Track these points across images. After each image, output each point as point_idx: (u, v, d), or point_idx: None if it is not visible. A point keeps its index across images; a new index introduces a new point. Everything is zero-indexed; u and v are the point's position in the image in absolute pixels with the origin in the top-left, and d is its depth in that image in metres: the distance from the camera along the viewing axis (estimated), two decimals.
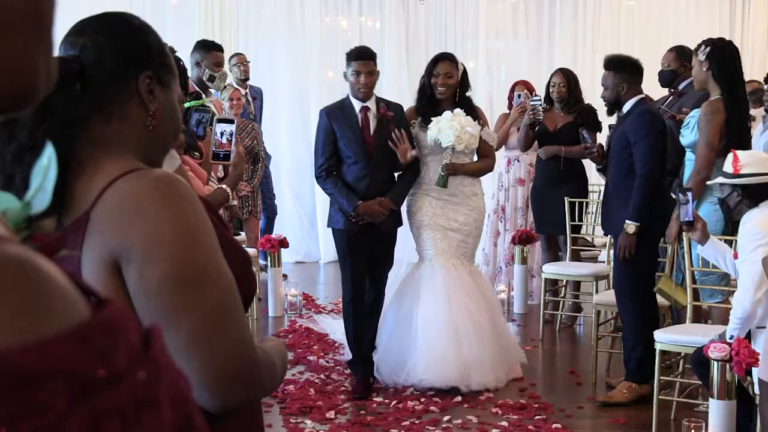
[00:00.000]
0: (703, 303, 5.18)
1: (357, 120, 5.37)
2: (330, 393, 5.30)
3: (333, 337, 6.48)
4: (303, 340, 6.40)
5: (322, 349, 6.20)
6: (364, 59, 5.32)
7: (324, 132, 5.42)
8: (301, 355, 6.02)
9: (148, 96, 1.55)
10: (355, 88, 5.34)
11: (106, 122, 1.53)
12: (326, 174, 5.41)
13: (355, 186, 5.38)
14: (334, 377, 5.59)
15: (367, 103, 5.39)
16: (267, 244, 7.15)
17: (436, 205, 5.61)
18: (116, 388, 0.61)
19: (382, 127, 5.38)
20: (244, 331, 1.47)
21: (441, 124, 5.42)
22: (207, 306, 1.41)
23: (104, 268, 1.41)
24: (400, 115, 5.48)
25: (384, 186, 5.43)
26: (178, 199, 1.43)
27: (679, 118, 5.34)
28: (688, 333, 4.73)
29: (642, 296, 5.20)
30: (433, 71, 5.56)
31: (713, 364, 3.94)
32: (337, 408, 5.03)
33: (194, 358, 1.40)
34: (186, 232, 1.41)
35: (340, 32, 10.08)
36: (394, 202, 5.43)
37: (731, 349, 3.86)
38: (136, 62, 1.55)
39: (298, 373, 5.66)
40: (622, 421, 4.90)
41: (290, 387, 5.31)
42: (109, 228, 1.41)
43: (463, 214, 5.63)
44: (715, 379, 3.94)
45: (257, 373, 1.48)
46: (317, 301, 7.86)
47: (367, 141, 5.38)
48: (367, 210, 5.32)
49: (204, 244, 1.43)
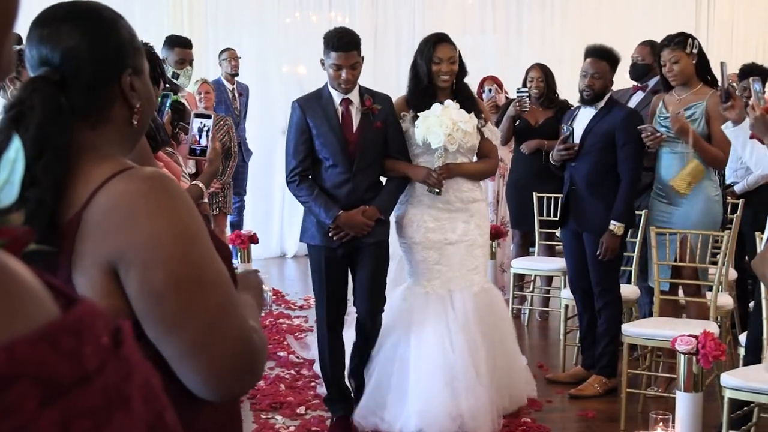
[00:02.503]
0: (680, 298, 5.22)
1: (336, 114, 4.56)
2: (300, 388, 5.30)
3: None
4: (273, 335, 6.39)
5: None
6: (346, 50, 4.47)
7: (297, 128, 4.60)
8: (272, 350, 6.01)
9: (131, 93, 1.54)
10: (336, 84, 4.54)
11: (91, 129, 1.52)
12: (299, 179, 4.58)
13: (334, 193, 4.57)
14: (305, 373, 5.59)
15: (348, 95, 4.58)
16: (237, 240, 7.12)
17: (429, 218, 4.74)
18: (87, 389, 0.61)
19: (366, 123, 4.58)
20: (244, 324, 1.48)
21: (429, 120, 4.59)
22: (210, 305, 1.42)
23: (99, 272, 1.40)
24: (389, 109, 4.66)
25: (368, 193, 4.62)
26: (171, 198, 1.43)
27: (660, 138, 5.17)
28: (656, 327, 4.77)
29: (618, 291, 5.29)
30: (434, 56, 4.69)
31: (680, 356, 3.98)
32: (307, 404, 5.03)
33: (201, 357, 1.42)
34: (183, 232, 1.41)
35: (310, 27, 10.06)
36: (381, 210, 4.62)
37: (698, 342, 3.91)
38: (116, 64, 1.53)
39: (268, 369, 5.64)
40: (590, 414, 4.95)
41: (260, 383, 5.30)
42: (104, 232, 1.40)
43: (462, 222, 4.77)
44: (682, 371, 3.98)
45: (258, 363, 1.51)
46: (287, 296, 7.85)
47: (349, 139, 4.56)
48: (348, 221, 4.51)
49: (201, 243, 1.44)
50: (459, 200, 4.77)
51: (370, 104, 4.60)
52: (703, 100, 5.02)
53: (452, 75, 4.71)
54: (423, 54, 4.74)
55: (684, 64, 5.02)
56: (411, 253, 4.82)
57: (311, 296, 7.65)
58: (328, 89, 4.61)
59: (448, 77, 4.71)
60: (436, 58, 4.68)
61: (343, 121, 4.57)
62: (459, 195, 4.77)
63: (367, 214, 4.56)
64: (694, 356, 3.92)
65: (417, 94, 4.76)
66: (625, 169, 5.09)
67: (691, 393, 3.94)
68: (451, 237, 4.75)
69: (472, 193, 4.82)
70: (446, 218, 4.76)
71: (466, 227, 4.77)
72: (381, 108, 4.61)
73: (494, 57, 10.21)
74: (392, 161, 4.70)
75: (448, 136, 4.54)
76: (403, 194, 4.79)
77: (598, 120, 5.20)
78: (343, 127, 4.56)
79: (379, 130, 4.61)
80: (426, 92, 4.73)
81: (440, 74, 4.68)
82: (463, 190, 4.77)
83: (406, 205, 4.81)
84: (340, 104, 4.59)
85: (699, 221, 5.00)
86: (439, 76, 4.69)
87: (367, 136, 4.58)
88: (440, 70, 4.68)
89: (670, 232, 4.99)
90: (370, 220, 4.56)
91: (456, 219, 4.76)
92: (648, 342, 4.84)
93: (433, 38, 4.77)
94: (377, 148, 4.63)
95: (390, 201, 4.72)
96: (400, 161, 4.71)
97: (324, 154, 4.57)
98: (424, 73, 4.72)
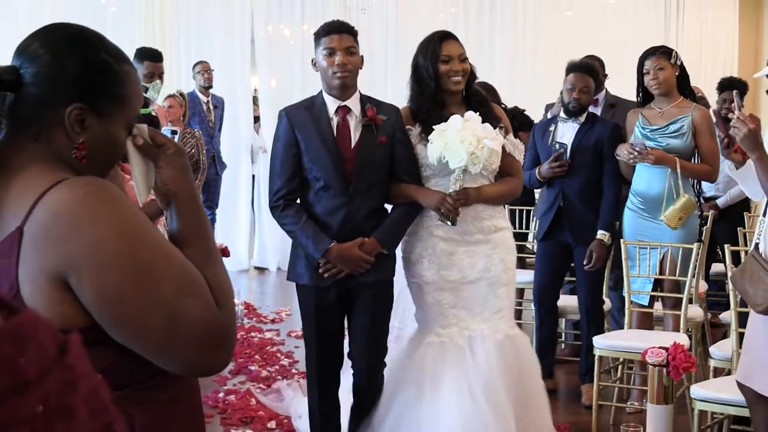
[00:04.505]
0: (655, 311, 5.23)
1: (330, 125, 3.81)
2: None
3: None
4: (244, 349, 6.35)
5: (264, 359, 6.16)
6: (338, 32, 3.78)
7: (283, 142, 3.85)
8: (243, 364, 5.97)
9: (75, 127, 1.53)
10: (330, 75, 3.75)
11: (34, 140, 1.53)
12: (284, 203, 3.82)
13: (326, 221, 3.81)
14: (276, 386, 5.55)
15: (346, 102, 3.82)
16: None
17: (442, 252, 3.97)
18: (24, 397, 0.60)
19: (368, 136, 3.82)
20: (207, 302, 1.51)
21: (448, 136, 3.77)
22: (168, 296, 1.44)
23: (48, 283, 1.41)
24: (396, 121, 3.89)
25: (368, 221, 3.84)
26: (109, 201, 1.44)
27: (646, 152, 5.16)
28: (627, 339, 4.79)
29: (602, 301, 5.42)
30: (441, 54, 3.94)
31: (650, 369, 3.99)
32: (278, 418, 4.99)
33: (171, 348, 1.46)
34: (126, 230, 1.43)
35: (283, 40, 10.05)
36: (383, 243, 3.84)
37: (668, 354, 3.92)
38: (64, 92, 1.53)
39: (239, 383, 5.61)
40: (563, 426, 4.94)
41: (231, 397, 5.26)
42: (48, 243, 1.41)
43: (483, 257, 3.99)
44: (652, 384, 3.99)
45: (227, 337, 1.54)
46: (259, 310, 7.81)
47: (345, 156, 3.80)
48: (342, 255, 3.76)
49: (146, 237, 1.45)
50: (479, 230, 4.00)
51: (373, 114, 3.81)
52: (688, 113, 5.06)
53: (465, 75, 3.99)
54: (427, 53, 3.97)
55: (669, 73, 5.06)
56: (421, 295, 4.02)
57: (283, 309, 7.66)
58: (321, 96, 3.87)
59: (461, 78, 3.97)
60: (443, 56, 3.94)
61: (338, 134, 3.82)
62: (479, 224, 4.00)
63: (366, 248, 3.79)
64: (665, 368, 3.93)
65: (424, 103, 3.98)
66: (612, 181, 5.19)
67: (661, 405, 3.95)
68: (469, 274, 3.97)
69: (494, 220, 4.04)
70: (464, 252, 3.98)
71: (487, 262, 3.99)
72: (386, 119, 3.84)
73: None
74: (399, 184, 3.92)
75: (471, 155, 3.73)
76: (413, 223, 4.01)
77: (583, 134, 5.25)
78: (338, 140, 3.81)
79: (384, 145, 3.83)
80: (434, 100, 3.97)
81: (451, 75, 3.94)
82: (483, 217, 4.00)
83: (415, 237, 4.03)
84: (335, 113, 3.82)
85: (679, 235, 5.03)
86: (449, 77, 3.94)
87: (368, 152, 3.81)
88: (451, 69, 3.94)
89: (651, 245, 5.01)
90: (369, 254, 3.80)
91: (475, 252, 3.99)
92: (619, 354, 4.85)
93: (437, 35, 4.03)
94: (380, 167, 3.84)
95: (395, 232, 3.92)
96: (408, 184, 3.92)
97: (314, 173, 3.81)
98: (430, 76, 3.94)
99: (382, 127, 3.84)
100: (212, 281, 1.55)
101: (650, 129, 5.09)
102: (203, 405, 5.22)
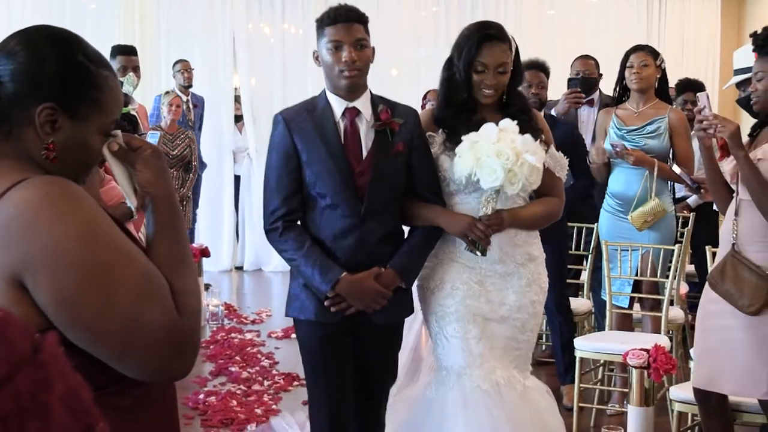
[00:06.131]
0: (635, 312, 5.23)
1: (338, 131, 3.18)
2: (251, 404, 5.23)
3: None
4: (224, 350, 6.32)
5: (244, 360, 6.13)
6: (345, 21, 3.11)
7: (280, 153, 3.20)
8: (223, 366, 5.94)
9: (46, 127, 1.52)
10: (336, 73, 3.13)
11: (5, 138, 1.52)
12: (283, 225, 3.17)
13: (333, 247, 3.18)
14: (256, 388, 5.52)
15: (355, 103, 3.19)
16: None
17: (469, 278, 3.36)
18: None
19: (382, 144, 3.18)
20: (167, 308, 1.49)
21: (479, 148, 3.13)
22: (125, 302, 1.42)
23: (4, 282, 1.40)
24: (414, 127, 3.26)
25: (383, 247, 3.22)
26: (71, 201, 1.42)
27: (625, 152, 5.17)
28: (608, 340, 4.78)
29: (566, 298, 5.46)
30: (476, 60, 3.31)
31: (631, 370, 3.99)
32: (258, 420, 4.96)
33: (129, 355, 1.44)
34: (87, 232, 1.41)
35: (263, 39, 10.01)
36: (401, 274, 3.21)
37: (649, 356, 3.91)
38: (36, 90, 1.52)
39: (219, 385, 5.57)
40: None
41: (211, 399, 5.23)
42: (7, 243, 1.40)
43: (514, 293, 3.37)
44: (633, 385, 3.99)
45: (188, 344, 1.53)
46: (239, 311, 7.77)
47: (356, 168, 3.16)
48: (356, 289, 3.13)
49: (108, 240, 1.44)
50: (512, 258, 3.38)
51: (388, 118, 3.18)
52: (664, 114, 5.09)
53: (499, 90, 3.35)
54: (462, 54, 3.35)
55: (652, 71, 5.10)
56: (441, 328, 3.39)
57: (264, 310, 7.63)
58: (325, 96, 3.24)
59: (492, 93, 3.33)
60: (479, 63, 3.32)
61: (346, 141, 3.18)
62: (511, 251, 3.38)
63: (383, 280, 3.17)
64: (646, 370, 3.93)
65: (451, 108, 3.38)
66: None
67: (642, 407, 3.95)
68: (498, 311, 3.37)
69: (529, 247, 3.43)
70: (493, 283, 3.38)
71: (518, 301, 3.38)
72: (404, 124, 3.22)
73: None
74: (416, 203, 3.30)
75: (508, 171, 3.09)
76: (435, 247, 3.40)
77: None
78: (346, 149, 3.17)
79: (401, 155, 3.21)
80: (464, 106, 3.36)
81: (482, 87, 3.33)
82: (517, 243, 3.38)
83: (434, 262, 3.42)
84: (342, 116, 3.20)
85: (656, 236, 5.04)
86: (480, 89, 3.33)
87: (384, 163, 3.18)
88: (483, 81, 3.32)
89: (631, 246, 5.01)
90: (387, 288, 3.17)
91: (506, 286, 3.38)
92: (600, 356, 4.85)
93: (478, 32, 3.37)
94: (397, 181, 3.22)
95: (415, 261, 3.29)
96: (429, 204, 3.30)
97: (319, 189, 3.18)
98: (461, 81, 3.34)
99: (399, 133, 3.19)
100: (179, 287, 1.54)
101: (627, 130, 5.10)
102: (184, 406, 5.16)
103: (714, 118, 3.50)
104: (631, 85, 5.12)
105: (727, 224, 3.66)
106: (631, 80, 5.10)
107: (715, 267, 3.64)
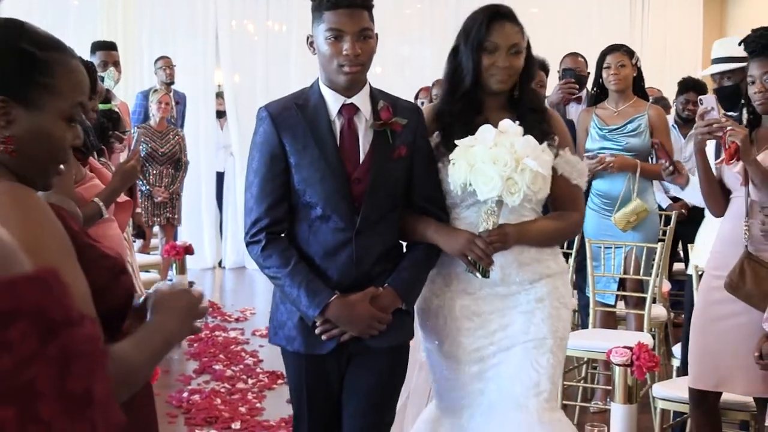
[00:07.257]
0: (619, 310, 5.25)
1: (332, 131, 2.76)
2: (236, 402, 5.22)
3: None
4: (208, 348, 6.30)
5: (228, 358, 6.12)
6: (349, 6, 2.65)
7: (265, 154, 2.77)
8: (207, 364, 5.93)
9: (0, 121, 1.49)
10: (334, 67, 2.69)
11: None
12: (267, 239, 2.77)
13: (324, 264, 2.77)
14: (240, 386, 5.51)
15: (353, 99, 2.77)
16: (172, 251, 7.02)
17: (462, 310, 2.93)
18: (74, 332, 0.64)
19: (382, 146, 2.78)
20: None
21: (473, 154, 2.72)
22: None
23: None
24: (418, 127, 2.85)
25: (381, 264, 2.81)
26: (23, 210, 1.40)
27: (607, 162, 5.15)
28: (591, 338, 4.80)
29: None
30: (485, 41, 2.85)
31: (614, 368, 4.00)
32: (242, 418, 4.95)
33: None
34: (27, 244, 1.35)
35: (246, 35, 9.98)
36: (401, 294, 2.80)
37: (632, 354, 3.93)
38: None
39: (203, 383, 5.56)
40: None
41: (195, 397, 5.22)
42: None
43: (520, 314, 2.90)
44: (617, 383, 4.00)
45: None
46: (223, 308, 7.76)
47: (352, 174, 2.76)
48: (349, 313, 2.73)
49: (48, 255, 1.38)
50: (518, 280, 2.91)
51: (389, 117, 2.77)
52: (644, 112, 5.13)
53: (513, 75, 2.90)
54: (469, 37, 2.88)
55: (629, 71, 5.15)
56: (440, 362, 2.99)
57: (248, 308, 7.62)
58: (318, 89, 2.80)
59: (507, 78, 2.88)
60: (489, 43, 2.86)
61: (342, 143, 2.77)
62: (518, 270, 2.91)
63: (381, 302, 2.76)
64: (629, 368, 3.94)
65: (453, 103, 2.93)
66: None
67: (625, 405, 3.96)
68: (502, 343, 2.89)
69: (541, 265, 2.93)
70: (491, 311, 2.91)
71: (527, 322, 2.88)
72: (407, 124, 2.80)
73: (430, 67, 10.23)
74: (413, 217, 2.89)
75: (507, 179, 2.67)
76: (435, 267, 2.97)
77: None
78: (342, 152, 2.76)
79: (403, 160, 2.81)
80: (468, 100, 2.91)
81: (492, 72, 2.87)
82: (523, 262, 2.90)
83: (436, 285, 2.98)
84: (338, 114, 2.78)
85: (640, 234, 5.06)
86: (491, 74, 2.87)
87: (383, 168, 2.77)
88: (494, 64, 2.86)
89: (615, 244, 5.02)
90: (385, 311, 2.77)
91: (510, 310, 2.91)
92: (584, 354, 4.86)
93: (487, 11, 2.90)
94: (397, 189, 2.82)
95: (415, 279, 2.87)
96: (425, 218, 2.89)
97: (309, 197, 2.75)
98: (468, 70, 2.88)
99: (401, 135, 2.79)
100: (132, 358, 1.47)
101: (608, 129, 5.13)
102: (168, 404, 5.14)
103: (726, 121, 3.47)
104: (609, 86, 5.15)
105: (731, 225, 3.58)
106: (610, 81, 5.14)
107: (732, 271, 3.49)
